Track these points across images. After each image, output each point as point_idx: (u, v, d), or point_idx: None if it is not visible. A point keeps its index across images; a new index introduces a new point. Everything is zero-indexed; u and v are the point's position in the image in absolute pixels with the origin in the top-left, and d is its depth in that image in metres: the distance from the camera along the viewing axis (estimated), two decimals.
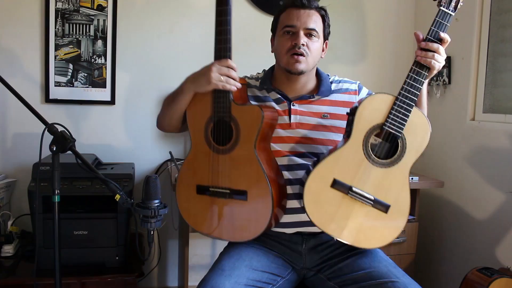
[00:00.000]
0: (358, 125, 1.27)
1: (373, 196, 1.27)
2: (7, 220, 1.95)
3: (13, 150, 2.15)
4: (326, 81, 1.49)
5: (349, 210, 1.28)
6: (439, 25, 1.26)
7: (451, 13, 1.25)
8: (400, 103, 1.26)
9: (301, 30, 1.39)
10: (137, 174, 2.23)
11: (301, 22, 1.39)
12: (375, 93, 1.31)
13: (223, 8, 1.31)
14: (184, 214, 1.42)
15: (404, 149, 1.28)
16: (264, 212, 1.29)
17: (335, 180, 1.27)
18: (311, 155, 1.41)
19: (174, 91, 1.42)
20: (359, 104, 1.28)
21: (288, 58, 1.40)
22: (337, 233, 1.28)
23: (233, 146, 1.33)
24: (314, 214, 1.27)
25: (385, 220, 1.28)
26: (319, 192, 1.27)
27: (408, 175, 1.29)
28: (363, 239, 1.29)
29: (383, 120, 1.26)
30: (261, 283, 1.30)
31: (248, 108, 1.33)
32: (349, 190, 1.27)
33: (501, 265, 1.94)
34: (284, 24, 1.41)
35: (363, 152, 1.28)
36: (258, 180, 1.29)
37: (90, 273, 1.73)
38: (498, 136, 2.02)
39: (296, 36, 1.39)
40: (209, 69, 1.29)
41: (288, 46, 1.40)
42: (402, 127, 1.26)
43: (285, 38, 1.41)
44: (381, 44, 2.56)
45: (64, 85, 2.18)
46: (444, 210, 2.35)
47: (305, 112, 1.44)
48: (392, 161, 1.28)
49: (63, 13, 2.14)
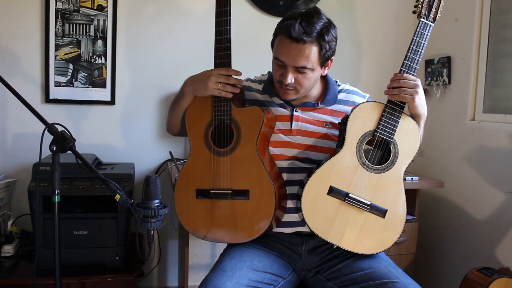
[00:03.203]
0: (350, 133, 1.30)
1: (370, 201, 1.29)
2: (7, 220, 1.95)
3: (13, 150, 2.15)
4: (333, 89, 1.46)
5: (347, 217, 1.30)
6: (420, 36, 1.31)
7: (431, 24, 1.31)
8: (390, 110, 1.30)
9: (289, 67, 1.32)
10: (137, 174, 2.23)
11: (290, 60, 1.30)
12: (365, 101, 1.35)
13: (223, 9, 1.33)
14: (183, 220, 1.41)
15: (396, 154, 1.31)
16: (267, 209, 1.30)
17: (332, 188, 1.29)
18: (311, 160, 1.42)
19: (176, 95, 1.45)
20: (350, 113, 1.31)
21: (278, 86, 1.38)
22: (337, 240, 1.30)
23: (234, 147, 1.34)
24: (313, 223, 1.29)
25: (383, 225, 1.31)
26: (317, 201, 1.29)
27: (402, 179, 1.32)
28: (363, 245, 1.31)
29: (374, 127, 1.30)
30: (262, 283, 1.30)
31: (249, 109, 1.35)
32: (346, 196, 1.29)
33: (501, 265, 1.94)
34: (275, 54, 1.35)
35: (357, 159, 1.30)
36: (261, 178, 1.30)
37: (90, 273, 1.73)
38: (498, 136, 2.02)
39: (285, 72, 1.32)
40: (208, 77, 1.32)
41: (277, 77, 1.36)
42: (393, 133, 1.30)
43: (275, 67, 1.36)
44: (381, 44, 2.56)
45: (64, 85, 2.18)
46: (444, 210, 2.35)
47: (308, 120, 1.44)
48: (386, 166, 1.31)
49: (63, 13, 2.14)
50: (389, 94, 1.31)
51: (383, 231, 1.31)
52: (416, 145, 1.32)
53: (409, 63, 1.30)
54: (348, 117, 1.31)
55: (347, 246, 1.30)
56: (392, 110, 1.30)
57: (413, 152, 1.32)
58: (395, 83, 1.30)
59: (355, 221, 1.30)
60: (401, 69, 1.31)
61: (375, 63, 2.56)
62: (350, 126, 1.30)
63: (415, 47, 1.30)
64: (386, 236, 1.31)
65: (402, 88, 1.28)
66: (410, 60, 1.30)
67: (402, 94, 1.28)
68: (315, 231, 1.29)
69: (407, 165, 1.32)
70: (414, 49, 1.30)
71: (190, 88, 1.38)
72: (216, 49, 1.35)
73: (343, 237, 1.29)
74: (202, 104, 1.38)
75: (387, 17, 2.56)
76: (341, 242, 1.30)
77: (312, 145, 1.42)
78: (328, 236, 1.29)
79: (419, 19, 1.30)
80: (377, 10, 2.54)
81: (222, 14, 1.34)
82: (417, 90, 1.28)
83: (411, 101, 1.29)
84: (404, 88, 1.28)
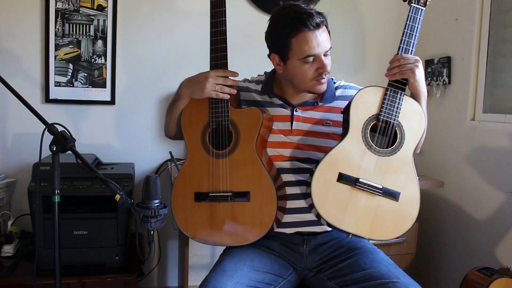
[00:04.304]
0: (354, 118, 1.28)
1: (382, 185, 1.27)
2: (7, 220, 1.95)
3: (13, 150, 2.15)
4: (330, 87, 1.46)
5: (360, 203, 1.27)
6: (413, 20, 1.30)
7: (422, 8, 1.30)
8: (392, 93, 1.28)
9: (321, 55, 1.33)
10: (137, 174, 2.23)
11: (322, 48, 1.31)
12: (365, 86, 1.32)
13: (218, 10, 1.32)
14: (182, 224, 1.39)
15: (403, 135, 1.29)
16: (268, 210, 1.29)
17: (341, 174, 1.27)
18: (312, 160, 1.41)
19: (172, 98, 1.44)
20: (352, 99, 1.30)
21: (314, 84, 1.37)
22: (352, 228, 1.27)
23: (232, 149, 1.33)
24: (326, 212, 1.26)
25: (398, 209, 1.27)
26: (327, 190, 1.26)
27: (412, 160, 1.30)
28: (379, 231, 1.27)
29: (378, 110, 1.28)
30: (263, 283, 1.29)
31: (247, 110, 1.34)
32: (356, 182, 1.26)
33: (501, 265, 1.94)
34: (305, 53, 1.31)
35: (364, 143, 1.28)
36: (261, 179, 1.30)
37: (90, 273, 1.73)
38: (498, 136, 2.02)
39: (321, 63, 1.33)
40: (205, 79, 1.31)
41: (312, 74, 1.35)
42: (397, 114, 1.28)
43: (307, 67, 1.34)
44: (381, 44, 2.56)
45: (64, 85, 2.18)
46: (444, 210, 2.35)
47: (308, 119, 1.43)
48: (394, 149, 1.29)
49: (63, 13, 2.14)
50: (390, 75, 1.29)
51: (398, 215, 1.27)
52: (422, 125, 1.30)
53: (405, 46, 1.29)
54: (350, 103, 1.29)
55: (363, 234, 1.27)
56: (393, 92, 1.28)
57: (420, 132, 1.30)
58: (395, 63, 1.28)
59: (368, 207, 1.26)
60: (398, 53, 1.30)
61: (377, 58, 2.56)
62: (353, 112, 1.28)
63: (409, 31, 1.29)
64: (402, 220, 1.28)
65: (402, 65, 1.27)
66: (406, 43, 1.29)
67: (403, 70, 1.26)
68: (328, 221, 1.26)
69: (415, 146, 1.30)
70: (408, 32, 1.29)
71: (187, 91, 1.36)
72: (212, 50, 1.33)
73: (358, 224, 1.26)
74: (198, 106, 1.37)
75: (388, 10, 2.55)
76: (357, 230, 1.26)
77: (312, 144, 1.42)
78: (342, 224, 1.26)
79: (410, 5, 1.30)
80: (378, 3, 2.54)
81: (217, 15, 1.32)
82: (417, 65, 1.27)
83: (411, 74, 1.26)
84: (403, 65, 1.27)
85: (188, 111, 1.39)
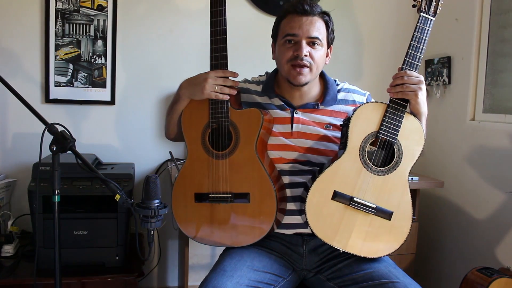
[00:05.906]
0: (352, 135, 1.27)
1: (375, 204, 1.27)
2: (7, 220, 1.95)
3: (13, 150, 2.15)
4: (332, 89, 1.45)
5: (353, 221, 1.28)
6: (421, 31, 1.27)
7: (431, 18, 1.28)
8: (392, 110, 1.26)
9: (303, 39, 1.33)
10: (137, 174, 2.23)
11: (303, 30, 1.33)
12: (366, 102, 1.32)
13: (218, 9, 1.31)
14: (182, 225, 1.39)
15: (400, 154, 1.28)
16: (269, 211, 1.29)
17: (336, 192, 1.27)
18: (312, 163, 1.41)
19: (172, 100, 1.43)
20: (352, 114, 1.28)
21: (289, 69, 1.36)
22: (343, 245, 1.28)
23: (232, 150, 1.33)
24: (319, 229, 1.27)
25: (389, 228, 1.28)
26: (321, 206, 1.27)
27: (407, 180, 1.30)
28: (369, 249, 1.29)
29: (377, 128, 1.27)
30: (262, 284, 1.29)
31: (247, 111, 1.33)
32: (351, 201, 1.27)
33: (501, 265, 1.94)
34: (285, 32, 1.36)
35: (361, 162, 1.28)
36: (261, 180, 1.29)
37: (90, 273, 1.73)
38: (498, 136, 2.02)
39: (298, 46, 1.34)
40: (205, 80, 1.30)
41: (290, 56, 1.35)
42: (397, 133, 1.26)
43: (286, 47, 1.36)
44: (381, 45, 2.56)
45: (64, 85, 2.18)
46: (444, 210, 2.35)
47: (308, 122, 1.43)
48: (390, 168, 1.28)
49: (63, 13, 2.14)
50: (392, 92, 1.27)
51: (389, 233, 1.28)
52: (421, 145, 1.29)
53: (410, 60, 1.26)
54: (350, 119, 1.28)
55: (353, 251, 1.28)
56: (394, 109, 1.26)
57: (418, 152, 1.29)
58: (399, 80, 1.26)
59: (361, 225, 1.28)
60: (402, 67, 1.27)
61: (376, 60, 2.56)
62: (352, 129, 1.27)
63: (416, 43, 1.26)
64: (393, 239, 1.29)
65: (405, 85, 1.24)
66: (411, 57, 1.26)
67: (406, 91, 1.24)
68: (320, 237, 1.27)
69: (412, 166, 1.29)
70: (415, 45, 1.26)
71: (186, 92, 1.36)
72: (211, 50, 1.32)
73: (349, 242, 1.28)
74: (198, 106, 1.36)
75: (387, 13, 2.55)
76: (347, 247, 1.28)
77: (313, 147, 1.41)
78: (333, 241, 1.28)
79: (419, 14, 1.27)
80: (377, 5, 2.54)
81: (217, 14, 1.31)
82: (420, 87, 1.25)
83: (414, 97, 1.25)
84: (407, 85, 1.24)
85: (188, 112, 1.38)
